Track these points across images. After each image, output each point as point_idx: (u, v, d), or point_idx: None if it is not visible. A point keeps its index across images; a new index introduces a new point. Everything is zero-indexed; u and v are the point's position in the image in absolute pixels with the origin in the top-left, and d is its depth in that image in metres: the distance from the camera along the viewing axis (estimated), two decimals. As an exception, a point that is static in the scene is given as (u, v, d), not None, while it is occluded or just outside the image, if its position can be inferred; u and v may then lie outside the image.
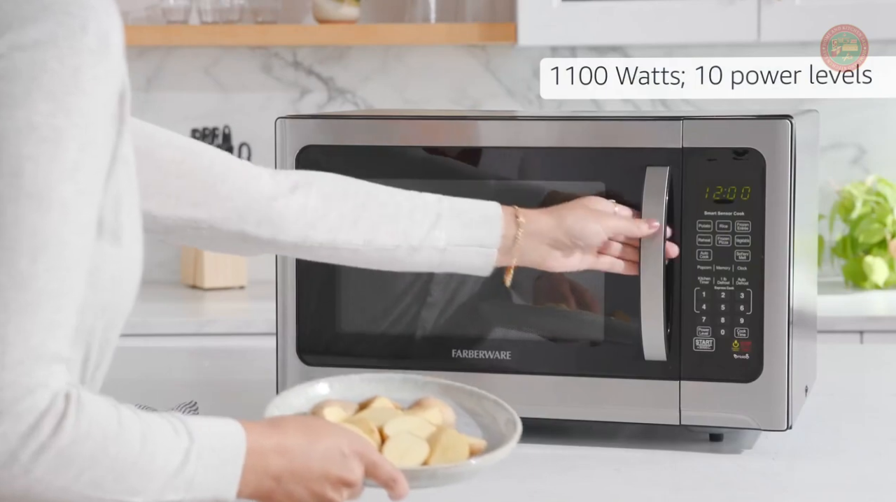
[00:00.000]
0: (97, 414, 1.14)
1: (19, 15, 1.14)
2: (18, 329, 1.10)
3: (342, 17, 3.66)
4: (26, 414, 1.10)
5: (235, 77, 3.83)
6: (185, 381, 2.26)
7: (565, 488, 1.73)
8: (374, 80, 3.81)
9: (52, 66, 1.13)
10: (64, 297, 1.13)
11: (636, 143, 1.85)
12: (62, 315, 1.13)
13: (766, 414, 1.80)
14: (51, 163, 1.12)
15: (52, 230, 1.12)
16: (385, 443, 1.44)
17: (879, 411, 2.09)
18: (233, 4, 3.71)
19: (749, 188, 1.79)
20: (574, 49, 3.75)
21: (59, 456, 1.11)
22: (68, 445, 1.12)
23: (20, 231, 1.10)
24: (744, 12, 3.41)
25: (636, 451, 1.84)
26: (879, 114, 3.70)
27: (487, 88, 3.78)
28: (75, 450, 1.12)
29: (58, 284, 1.12)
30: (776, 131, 1.80)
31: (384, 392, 1.56)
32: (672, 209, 1.81)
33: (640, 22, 3.46)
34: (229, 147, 3.73)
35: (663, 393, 1.83)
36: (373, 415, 1.48)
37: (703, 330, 1.82)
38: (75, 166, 1.14)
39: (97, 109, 1.16)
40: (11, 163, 1.10)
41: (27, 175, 1.11)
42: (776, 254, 1.79)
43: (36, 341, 1.11)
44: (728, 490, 1.72)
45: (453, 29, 3.64)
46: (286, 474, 1.27)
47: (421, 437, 1.45)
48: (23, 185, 1.11)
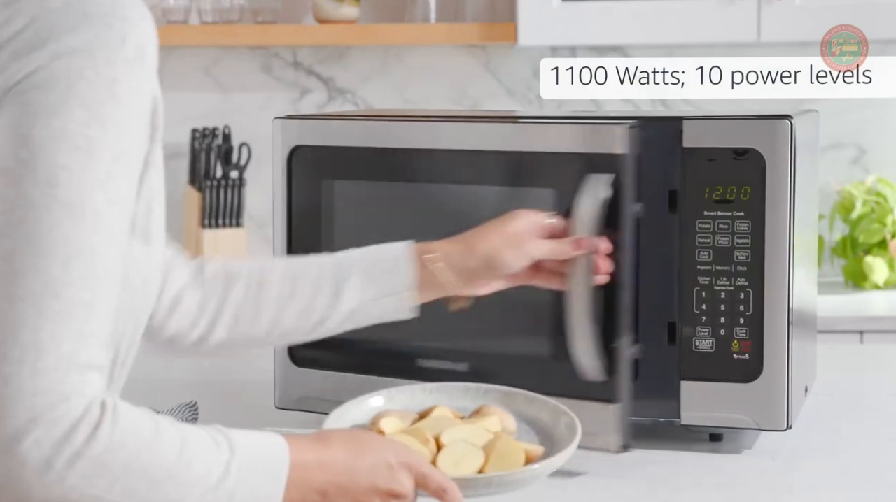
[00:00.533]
0: (132, 423, 1.14)
1: (60, 25, 1.16)
2: (52, 335, 1.10)
3: (342, 17, 3.66)
4: (61, 421, 1.10)
5: (235, 77, 3.83)
6: (185, 381, 2.26)
7: (565, 488, 1.73)
8: (374, 80, 3.81)
9: (89, 76, 1.14)
10: (97, 306, 1.14)
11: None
12: (95, 324, 1.14)
13: (766, 414, 1.80)
14: (84, 173, 1.13)
15: (85, 239, 1.13)
16: (440, 452, 1.43)
17: (879, 411, 2.09)
18: (233, 4, 3.71)
19: (749, 188, 1.79)
20: (574, 49, 3.75)
21: (94, 463, 1.12)
22: (102, 453, 1.12)
23: (54, 239, 1.11)
24: (744, 12, 3.41)
25: (636, 451, 1.84)
26: (879, 114, 3.70)
27: (487, 88, 3.78)
28: (109, 458, 1.13)
29: (90, 293, 1.13)
30: (776, 131, 1.80)
31: (445, 401, 1.56)
32: (618, 219, 1.73)
33: (640, 22, 3.46)
34: (229, 147, 3.73)
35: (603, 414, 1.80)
36: (430, 425, 1.48)
37: (703, 330, 1.81)
38: (108, 176, 1.15)
39: (131, 120, 1.18)
40: (47, 172, 1.12)
41: (62, 184, 1.12)
42: (776, 254, 1.79)
43: (69, 348, 1.11)
44: (728, 490, 1.72)
45: (453, 29, 3.63)
46: (332, 488, 1.27)
47: (477, 445, 1.44)
48: (57, 195, 1.12)
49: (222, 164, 3.72)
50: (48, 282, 1.11)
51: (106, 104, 1.15)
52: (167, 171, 1.52)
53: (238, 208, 3.72)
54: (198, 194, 3.70)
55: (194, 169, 3.74)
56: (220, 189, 3.70)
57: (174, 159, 3.81)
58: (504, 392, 1.58)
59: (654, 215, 1.82)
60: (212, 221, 3.70)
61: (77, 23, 1.16)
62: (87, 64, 1.15)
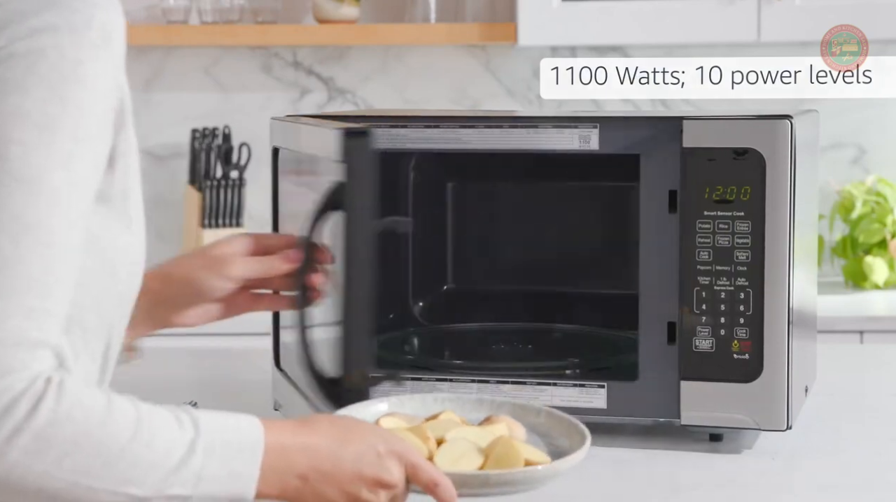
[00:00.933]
0: (81, 398, 1.11)
1: (26, 9, 1.15)
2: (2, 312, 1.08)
3: (342, 17, 3.66)
4: (1, 396, 1.07)
5: (235, 77, 3.83)
6: (185, 381, 2.26)
7: (565, 488, 1.73)
8: (374, 80, 3.81)
9: (51, 55, 1.13)
10: (51, 284, 1.11)
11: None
12: (49, 302, 1.11)
13: (766, 414, 1.80)
14: (41, 150, 1.11)
15: (39, 215, 1.10)
16: (439, 447, 1.38)
17: (879, 411, 2.09)
18: (233, 4, 3.71)
19: (749, 188, 1.79)
20: (574, 49, 3.75)
21: (36, 438, 1.08)
22: (45, 427, 1.09)
23: (3, 213, 1.09)
24: (744, 12, 3.41)
25: (636, 451, 1.84)
26: (879, 114, 3.70)
27: (487, 88, 3.78)
28: (53, 433, 1.09)
29: (42, 270, 1.10)
30: (776, 131, 1.80)
31: (456, 410, 1.51)
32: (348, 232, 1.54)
33: (640, 22, 3.46)
34: (229, 147, 3.73)
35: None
36: (434, 425, 1.43)
37: (703, 330, 1.81)
38: (69, 156, 1.14)
39: (96, 103, 1.16)
40: (1, 147, 1.10)
41: (14, 159, 1.10)
42: (776, 254, 1.79)
43: (15, 324, 1.09)
44: (728, 490, 1.72)
45: (453, 29, 3.63)
46: (314, 474, 1.22)
47: (478, 446, 1.39)
48: (10, 169, 1.10)
49: (222, 164, 3.72)
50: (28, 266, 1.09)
51: (69, 84, 1.13)
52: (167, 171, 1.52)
53: (238, 208, 3.72)
54: (198, 194, 3.70)
55: (194, 169, 3.74)
56: (220, 189, 3.70)
57: (174, 159, 3.81)
58: (518, 405, 1.53)
59: (654, 215, 1.82)
60: (212, 221, 3.70)
61: (43, 6, 1.15)
62: (50, 43, 1.13)
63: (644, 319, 1.84)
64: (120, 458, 1.11)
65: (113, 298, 1.25)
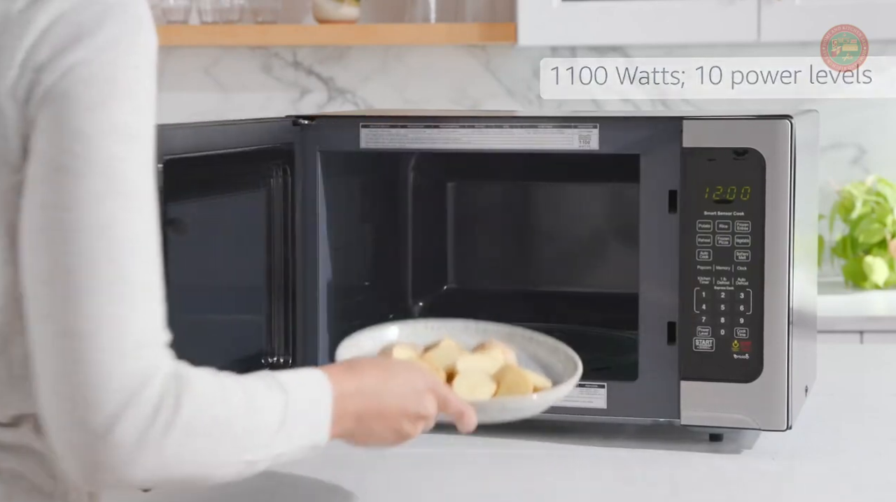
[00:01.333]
0: (203, 385, 1.19)
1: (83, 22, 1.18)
2: (129, 319, 1.16)
3: (342, 17, 3.66)
4: (149, 398, 1.16)
5: (235, 77, 3.83)
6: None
7: (565, 488, 1.73)
8: (374, 80, 3.81)
9: (122, 66, 1.18)
10: (154, 288, 1.19)
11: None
12: (156, 304, 1.19)
13: (766, 414, 1.80)
14: (134, 162, 1.18)
15: (143, 226, 1.18)
16: (455, 379, 1.53)
17: (879, 411, 2.09)
18: (233, 4, 3.71)
19: (749, 188, 1.79)
20: (574, 49, 3.75)
21: (184, 430, 1.17)
22: (189, 418, 1.17)
23: (118, 229, 1.16)
24: (744, 12, 3.41)
25: (636, 451, 1.84)
26: (879, 114, 3.69)
27: (487, 88, 3.78)
28: (196, 423, 1.18)
29: (152, 276, 1.18)
30: (776, 131, 1.80)
31: (448, 335, 1.64)
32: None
33: (640, 22, 3.46)
34: (229, 147, 3.73)
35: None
36: (439, 355, 1.58)
37: (703, 330, 1.81)
38: (148, 162, 1.20)
39: (153, 105, 1.22)
40: (104, 164, 1.16)
41: (119, 175, 1.16)
42: (776, 254, 1.79)
43: (143, 328, 1.17)
44: (728, 490, 1.72)
45: (453, 29, 3.63)
46: (365, 414, 1.35)
47: (489, 374, 1.55)
48: (117, 186, 1.16)
49: (222, 164, 3.72)
50: (119, 271, 1.15)
51: (139, 92, 1.19)
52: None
53: (238, 208, 3.72)
54: (198, 194, 3.70)
55: (194, 169, 3.74)
56: (220, 189, 3.69)
57: (174, 159, 3.80)
58: (503, 329, 1.66)
59: (654, 215, 1.83)
60: (212, 221, 3.70)
61: (101, 17, 1.19)
62: (118, 54, 1.18)
63: (644, 319, 1.84)
64: (241, 432, 1.22)
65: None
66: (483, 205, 2.25)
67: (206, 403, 1.19)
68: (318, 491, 1.72)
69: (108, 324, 1.14)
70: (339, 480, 1.76)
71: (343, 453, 1.86)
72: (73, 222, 1.15)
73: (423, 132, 1.92)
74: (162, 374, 1.17)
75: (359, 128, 1.94)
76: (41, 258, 1.15)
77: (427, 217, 2.20)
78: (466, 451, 1.86)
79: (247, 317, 1.92)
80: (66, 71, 1.16)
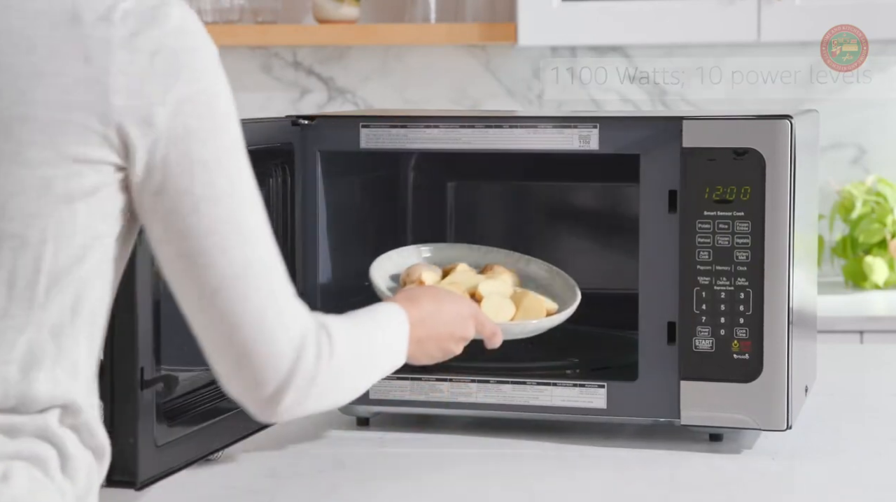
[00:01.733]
0: (342, 331, 1.42)
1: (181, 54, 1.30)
2: (284, 295, 1.36)
3: (342, 17, 3.66)
4: (313, 345, 1.37)
5: (235, 77, 3.81)
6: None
7: (565, 488, 1.73)
8: (374, 80, 3.81)
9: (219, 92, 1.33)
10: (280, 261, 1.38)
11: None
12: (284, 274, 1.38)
13: (766, 414, 1.80)
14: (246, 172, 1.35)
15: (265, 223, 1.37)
16: (482, 302, 1.85)
17: (879, 411, 2.09)
18: (233, 4, 3.71)
19: (749, 188, 1.79)
20: (574, 49, 3.75)
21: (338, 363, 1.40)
22: (341, 353, 1.40)
23: (255, 229, 1.35)
24: (744, 12, 3.41)
25: (636, 451, 1.85)
26: (879, 114, 3.69)
27: (487, 88, 3.78)
28: (345, 357, 1.41)
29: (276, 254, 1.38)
30: (776, 131, 1.80)
31: (461, 257, 1.98)
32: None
33: (640, 22, 3.46)
34: (229, 147, 3.73)
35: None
36: (461, 279, 1.90)
37: (703, 330, 1.82)
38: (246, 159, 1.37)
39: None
40: (233, 180, 1.33)
41: (245, 187, 1.34)
42: (776, 254, 1.79)
43: (292, 298, 1.37)
44: (728, 490, 1.72)
45: (453, 29, 3.63)
46: (424, 338, 1.61)
47: (507, 298, 1.87)
48: (244, 195, 1.34)
49: (222, 164, 3.71)
50: (269, 257, 1.35)
51: (232, 110, 1.34)
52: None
53: (238, 208, 3.71)
54: (198, 194, 3.70)
55: (194, 169, 3.73)
56: (220, 189, 3.69)
57: (174, 159, 3.80)
58: (504, 252, 2.00)
59: (654, 215, 1.83)
60: (212, 221, 3.69)
61: (191, 48, 1.31)
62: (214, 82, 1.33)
63: (644, 319, 1.84)
64: (370, 359, 1.49)
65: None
66: (483, 205, 2.25)
67: (347, 345, 1.41)
68: (318, 491, 1.72)
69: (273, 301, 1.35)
70: (339, 480, 1.76)
71: (343, 453, 1.86)
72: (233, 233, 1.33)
73: (423, 132, 1.92)
74: (315, 325, 1.38)
75: (359, 128, 1.94)
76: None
77: (427, 217, 2.20)
78: (466, 451, 1.86)
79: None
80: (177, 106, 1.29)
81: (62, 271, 1.29)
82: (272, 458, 1.83)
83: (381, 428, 1.96)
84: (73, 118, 1.26)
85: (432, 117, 1.93)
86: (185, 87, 1.30)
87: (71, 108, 1.26)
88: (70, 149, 1.27)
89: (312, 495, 1.71)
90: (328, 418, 1.99)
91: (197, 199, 1.31)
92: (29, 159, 1.26)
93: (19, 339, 1.29)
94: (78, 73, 1.26)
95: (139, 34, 1.28)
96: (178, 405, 1.69)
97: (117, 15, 1.28)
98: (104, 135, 1.27)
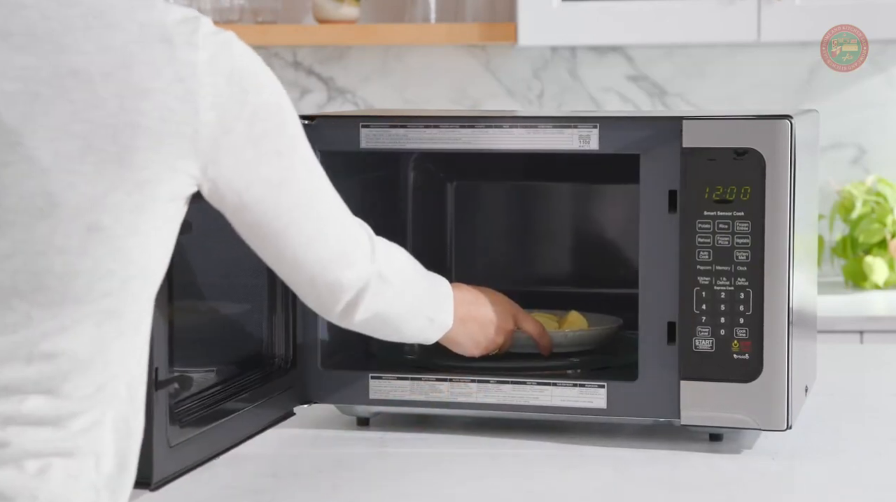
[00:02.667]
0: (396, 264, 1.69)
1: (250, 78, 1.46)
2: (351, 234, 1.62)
3: (342, 17, 3.66)
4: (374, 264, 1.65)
5: (235, 77, 3.82)
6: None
7: (565, 488, 1.73)
8: (374, 80, 3.81)
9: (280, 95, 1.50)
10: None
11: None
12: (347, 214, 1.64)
13: (766, 414, 1.81)
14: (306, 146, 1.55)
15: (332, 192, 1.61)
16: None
17: (879, 411, 2.09)
18: (233, 4, 3.71)
19: (749, 188, 1.79)
20: (574, 49, 3.75)
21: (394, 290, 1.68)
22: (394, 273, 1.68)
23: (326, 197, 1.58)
24: (744, 12, 3.41)
25: (636, 451, 1.85)
26: (879, 114, 3.70)
27: (487, 88, 3.78)
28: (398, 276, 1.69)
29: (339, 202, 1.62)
30: (776, 131, 1.80)
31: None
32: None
33: (640, 22, 3.46)
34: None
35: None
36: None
37: (703, 330, 1.82)
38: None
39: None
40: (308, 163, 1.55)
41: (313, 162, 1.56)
42: (776, 254, 1.79)
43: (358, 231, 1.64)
44: (728, 490, 1.72)
45: (453, 29, 3.64)
46: (467, 317, 1.83)
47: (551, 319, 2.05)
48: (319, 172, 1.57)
49: (222, 164, 3.71)
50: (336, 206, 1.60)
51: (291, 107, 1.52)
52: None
53: (238, 208, 3.71)
54: (198, 194, 3.70)
55: (194, 169, 3.73)
56: (220, 189, 3.69)
57: (174, 159, 3.80)
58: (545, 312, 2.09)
59: (654, 215, 1.83)
60: (212, 221, 3.69)
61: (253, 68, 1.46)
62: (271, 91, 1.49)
63: (644, 319, 1.84)
64: (421, 296, 1.75)
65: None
66: (483, 205, 2.25)
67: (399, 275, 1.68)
68: (318, 491, 1.72)
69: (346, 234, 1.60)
70: (340, 480, 1.76)
71: (343, 453, 1.86)
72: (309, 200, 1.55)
73: (424, 132, 1.92)
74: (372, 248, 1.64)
75: (359, 128, 1.95)
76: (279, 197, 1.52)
77: (427, 217, 2.20)
78: (466, 451, 1.86)
79: (247, 317, 1.92)
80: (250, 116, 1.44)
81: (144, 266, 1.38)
82: (272, 458, 1.83)
83: (382, 428, 1.96)
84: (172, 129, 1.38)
85: (432, 117, 1.93)
86: (256, 97, 1.45)
87: (170, 121, 1.38)
88: (168, 157, 1.38)
89: (312, 495, 1.71)
90: (328, 418, 1.99)
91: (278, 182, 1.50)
92: (132, 162, 1.36)
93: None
94: (176, 91, 1.38)
95: (217, 57, 1.42)
96: (188, 405, 1.70)
97: (199, 40, 1.41)
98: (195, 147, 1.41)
